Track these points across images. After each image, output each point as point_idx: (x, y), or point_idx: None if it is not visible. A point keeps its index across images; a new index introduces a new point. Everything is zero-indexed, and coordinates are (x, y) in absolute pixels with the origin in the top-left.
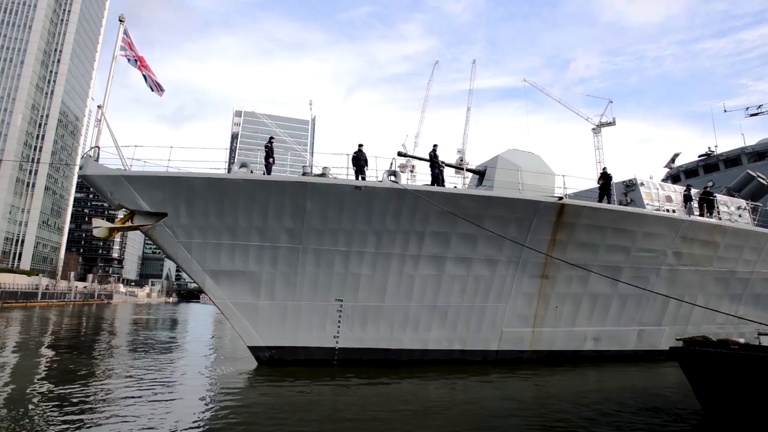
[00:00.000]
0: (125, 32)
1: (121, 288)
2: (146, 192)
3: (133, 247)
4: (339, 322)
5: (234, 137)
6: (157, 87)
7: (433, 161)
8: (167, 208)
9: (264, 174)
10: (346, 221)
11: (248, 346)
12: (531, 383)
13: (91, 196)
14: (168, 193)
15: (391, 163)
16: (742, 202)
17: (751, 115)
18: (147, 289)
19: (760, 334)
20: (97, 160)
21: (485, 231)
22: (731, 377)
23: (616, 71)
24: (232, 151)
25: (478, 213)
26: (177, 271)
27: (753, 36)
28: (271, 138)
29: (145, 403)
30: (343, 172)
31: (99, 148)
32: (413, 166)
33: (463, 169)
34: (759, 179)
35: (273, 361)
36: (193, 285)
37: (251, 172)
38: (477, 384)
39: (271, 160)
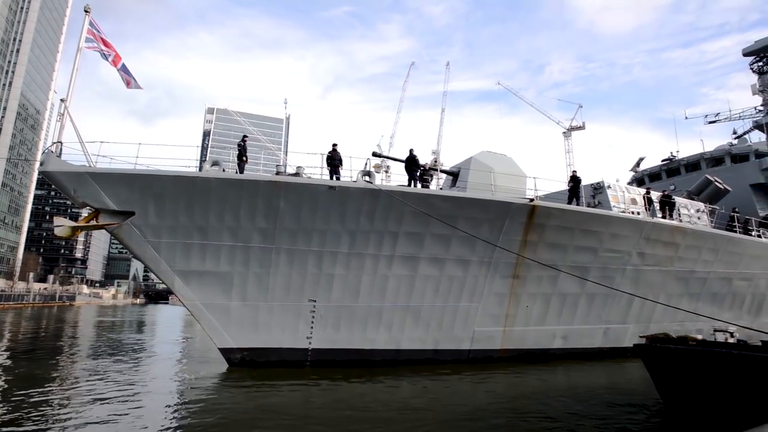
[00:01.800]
0: (92, 23)
1: (85, 289)
2: (112, 190)
3: (97, 246)
4: (312, 322)
5: (206, 135)
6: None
7: (413, 164)
8: (135, 206)
9: (236, 173)
10: (319, 221)
11: (219, 348)
12: (503, 381)
13: (52, 193)
14: (136, 192)
15: (366, 164)
16: (701, 205)
17: (710, 122)
18: (113, 290)
19: (715, 330)
20: (59, 156)
21: (458, 231)
22: (689, 372)
23: (589, 77)
24: (204, 148)
25: (452, 214)
26: (145, 271)
27: (715, 47)
28: (245, 136)
29: (110, 409)
30: (317, 171)
31: (62, 143)
32: (388, 166)
33: (437, 170)
34: (716, 183)
35: (244, 363)
36: (162, 286)
37: (223, 170)
38: (450, 383)
39: (244, 158)
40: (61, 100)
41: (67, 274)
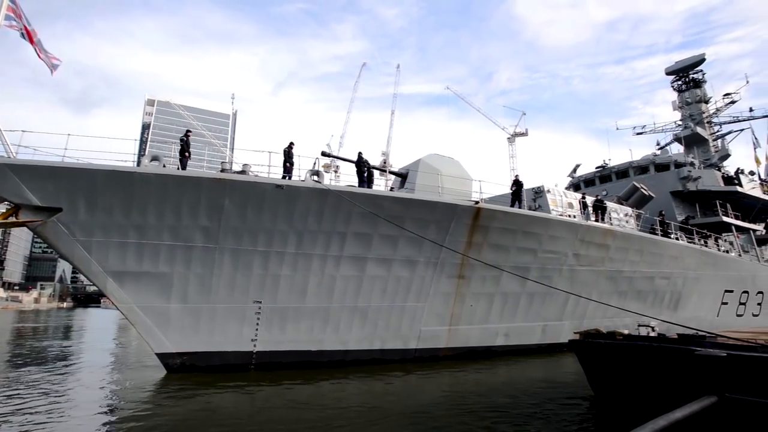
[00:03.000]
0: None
1: (1, 292)
2: (36, 184)
3: (17, 245)
4: (257, 324)
5: (145, 128)
6: (49, 65)
7: (361, 166)
8: (62, 202)
9: (178, 169)
10: (266, 221)
11: (156, 353)
12: (449, 379)
13: None
14: (64, 186)
15: (315, 163)
16: (629, 210)
17: (637, 133)
18: (35, 293)
19: (639, 325)
20: None
21: (406, 232)
22: (616, 364)
23: (533, 86)
24: (143, 142)
25: (400, 214)
26: (73, 272)
27: (644, 65)
28: (188, 131)
29: (32, 421)
30: (264, 169)
31: None
32: (337, 166)
33: (386, 171)
34: (642, 190)
35: (184, 368)
36: (93, 288)
37: (164, 166)
38: (398, 382)
39: (186, 154)
40: None
41: None
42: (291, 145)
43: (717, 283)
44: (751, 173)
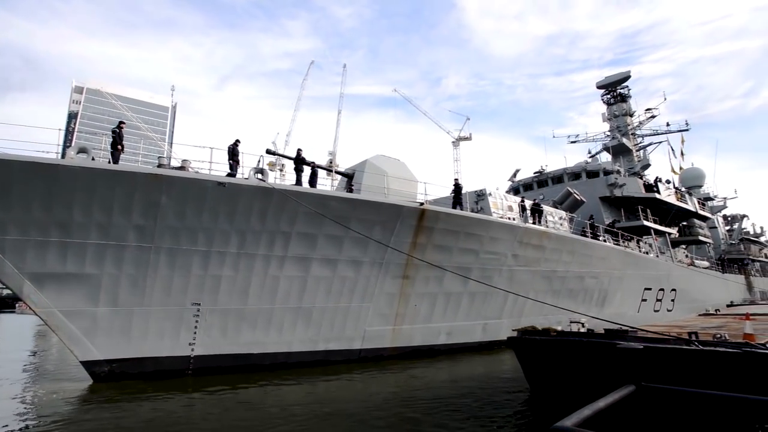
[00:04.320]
0: None
1: None
2: None
3: None
4: (196, 327)
5: (72, 117)
6: None
7: (300, 162)
8: None
9: (110, 163)
10: (206, 219)
11: (81, 362)
12: (393, 378)
13: None
14: None
15: (259, 161)
16: (563, 213)
17: (572, 142)
18: None
19: (571, 321)
20: None
21: (351, 232)
22: (550, 358)
23: (480, 93)
24: (69, 132)
25: (345, 215)
26: None
27: (580, 78)
28: (121, 122)
29: None
30: (205, 166)
31: None
32: (283, 165)
33: (332, 170)
34: (575, 195)
35: (113, 376)
36: (7, 291)
37: (92, 159)
38: (342, 382)
39: (119, 147)
40: None
41: None
42: (237, 142)
43: (638, 282)
44: (668, 182)
